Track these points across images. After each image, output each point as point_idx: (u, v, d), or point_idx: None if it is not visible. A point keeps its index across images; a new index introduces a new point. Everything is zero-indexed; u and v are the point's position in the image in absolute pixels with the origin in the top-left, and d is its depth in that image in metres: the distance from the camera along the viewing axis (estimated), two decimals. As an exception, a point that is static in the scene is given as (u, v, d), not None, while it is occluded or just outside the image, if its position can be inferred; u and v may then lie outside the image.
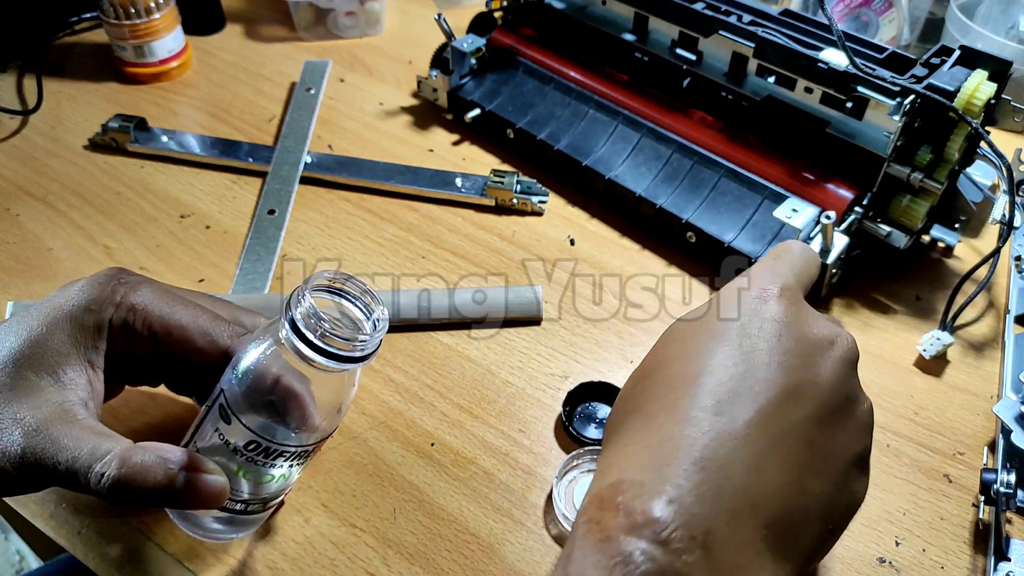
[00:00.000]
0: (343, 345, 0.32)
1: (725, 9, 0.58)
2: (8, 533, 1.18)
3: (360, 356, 0.33)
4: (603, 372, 0.49)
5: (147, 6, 0.70)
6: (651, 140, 0.60)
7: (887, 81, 0.50)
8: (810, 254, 0.38)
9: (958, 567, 0.41)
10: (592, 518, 0.25)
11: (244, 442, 0.34)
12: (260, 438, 0.34)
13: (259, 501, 0.36)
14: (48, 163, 0.64)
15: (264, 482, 0.36)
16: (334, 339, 0.32)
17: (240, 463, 0.34)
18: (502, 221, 0.61)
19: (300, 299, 0.32)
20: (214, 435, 0.34)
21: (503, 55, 0.69)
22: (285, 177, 0.62)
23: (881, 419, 0.47)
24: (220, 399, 0.34)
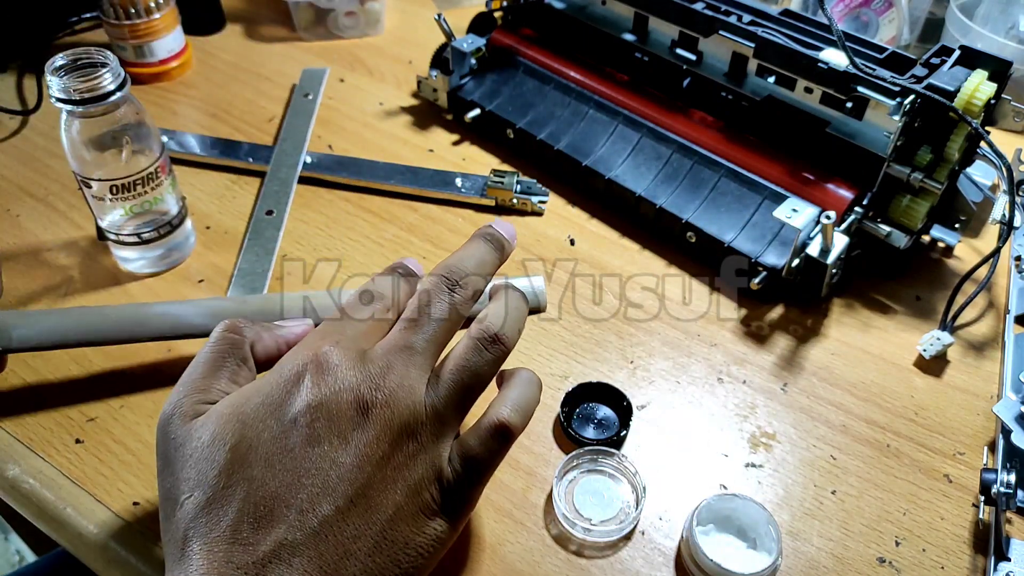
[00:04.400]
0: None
1: (725, 9, 0.58)
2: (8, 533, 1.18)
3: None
4: (603, 372, 0.49)
5: (147, 6, 0.70)
6: (651, 140, 0.60)
7: (887, 81, 0.50)
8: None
9: (958, 567, 0.41)
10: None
11: None
12: None
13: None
14: (48, 163, 0.64)
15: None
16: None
17: None
18: (502, 221, 0.61)
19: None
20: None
21: (503, 55, 0.69)
22: (283, 179, 0.62)
23: (881, 419, 0.47)
24: None
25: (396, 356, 0.33)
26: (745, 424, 0.47)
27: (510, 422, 0.34)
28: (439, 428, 0.33)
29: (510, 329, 0.36)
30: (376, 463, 0.31)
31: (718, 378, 0.50)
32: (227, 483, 0.30)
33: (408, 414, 0.32)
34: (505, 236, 0.40)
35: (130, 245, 0.53)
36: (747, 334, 0.52)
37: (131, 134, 0.50)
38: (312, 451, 0.31)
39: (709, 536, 0.41)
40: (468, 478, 0.33)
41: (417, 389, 0.33)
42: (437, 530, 0.32)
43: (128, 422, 0.45)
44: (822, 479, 0.44)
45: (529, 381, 0.37)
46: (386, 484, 0.31)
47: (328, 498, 0.30)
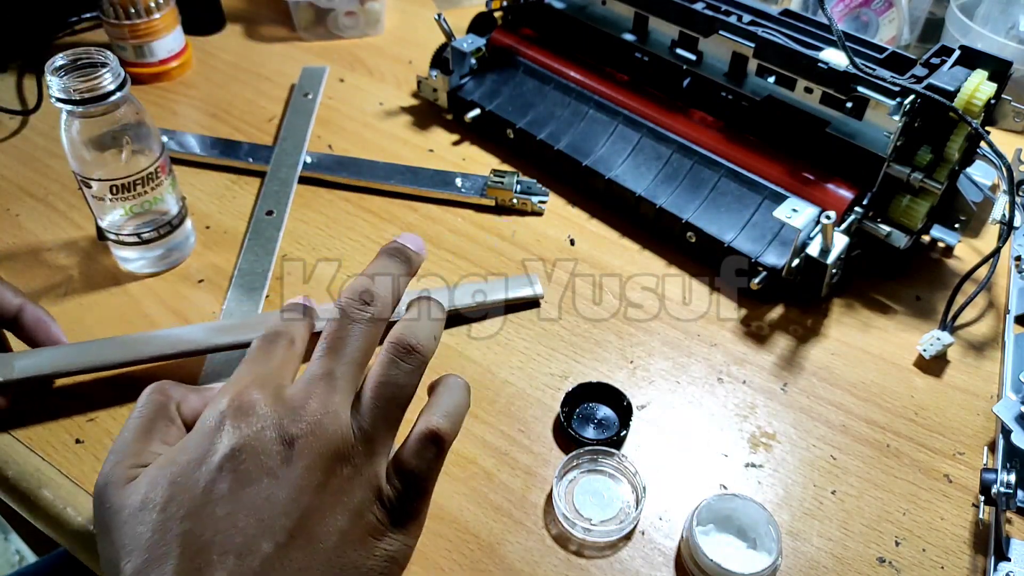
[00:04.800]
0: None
1: (725, 9, 0.58)
2: (8, 533, 1.18)
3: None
4: (603, 372, 0.49)
5: (147, 6, 0.70)
6: (651, 140, 0.60)
7: (887, 81, 0.50)
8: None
9: (958, 567, 0.41)
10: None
11: None
12: None
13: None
14: (48, 163, 0.64)
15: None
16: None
17: None
18: (502, 221, 0.61)
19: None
20: None
21: (503, 55, 0.69)
22: (283, 179, 0.62)
23: (881, 419, 0.47)
24: None
25: (315, 385, 0.33)
26: (745, 424, 0.47)
27: (440, 429, 0.34)
28: (370, 447, 0.33)
29: (424, 337, 0.36)
30: (311, 493, 0.31)
31: (718, 378, 0.49)
32: (161, 542, 0.30)
33: (336, 439, 0.32)
34: (411, 248, 0.39)
35: (130, 245, 0.53)
36: (747, 334, 0.52)
37: (131, 134, 0.50)
38: (243, 493, 0.30)
39: (709, 536, 0.40)
40: (408, 492, 0.33)
41: (342, 414, 0.33)
42: (388, 550, 0.32)
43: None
44: (822, 479, 0.44)
45: (456, 386, 0.37)
46: (325, 512, 0.31)
47: (267, 536, 0.30)
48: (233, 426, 0.32)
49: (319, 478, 0.31)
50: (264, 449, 0.31)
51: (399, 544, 0.33)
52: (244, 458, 0.31)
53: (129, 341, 0.46)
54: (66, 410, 0.46)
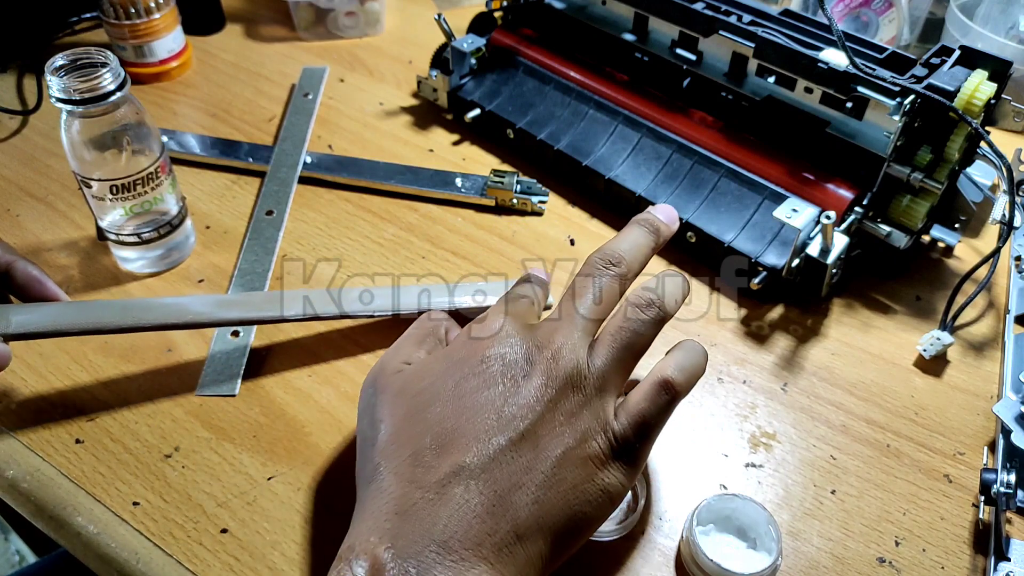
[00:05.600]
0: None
1: (725, 9, 0.58)
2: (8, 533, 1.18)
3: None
4: (603, 372, 0.49)
5: (147, 6, 0.70)
6: (651, 140, 0.60)
7: (887, 81, 0.50)
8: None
9: (958, 567, 0.41)
10: (337, 570, 0.31)
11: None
12: None
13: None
14: (48, 163, 0.64)
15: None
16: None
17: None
18: (502, 221, 0.61)
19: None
20: None
21: (503, 55, 0.69)
22: (283, 179, 0.62)
23: (881, 419, 0.47)
24: None
25: (559, 324, 0.37)
26: (745, 424, 0.47)
27: (674, 379, 0.36)
28: (602, 384, 0.36)
29: (667, 294, 0.38)
30: (545, 405, 0.34)
31: (718, 378, 0.49)
32: (413, 418, 0.35)
33: (571, 368, 0.35)
34: (661, 220, 0.42)
35: (130, 245, 0.53)
36: (747, 334, 0.52)
37: (131, 134, 0.50)
38: (487, 392, 0.35)
39: (709, 536, 0.40)
40: (635, 433, 0.35)
41: (579, 348, 0.36)
42: (605, 481, 0.34)
43: (127, 422, 0.45)
44: (822, 479, 0.44)
45: (695, 349, 0.39)
46: (554, 426, 0.34)
47: (502, 430, 0.33)
48: (487, 340, 0.37)
49: (552, 395, 0.34)
50: (509, 361, 0.36)
51: (615, 479, 0.35)
52: (493, 363, 0.35)
53: (132, 306, 0.45)
54: (66, 410, 0.46)
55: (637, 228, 0.41)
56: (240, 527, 0.41)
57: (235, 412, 0.46)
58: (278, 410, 0.47)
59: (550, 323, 0.37)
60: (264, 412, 0.46)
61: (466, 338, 0.38)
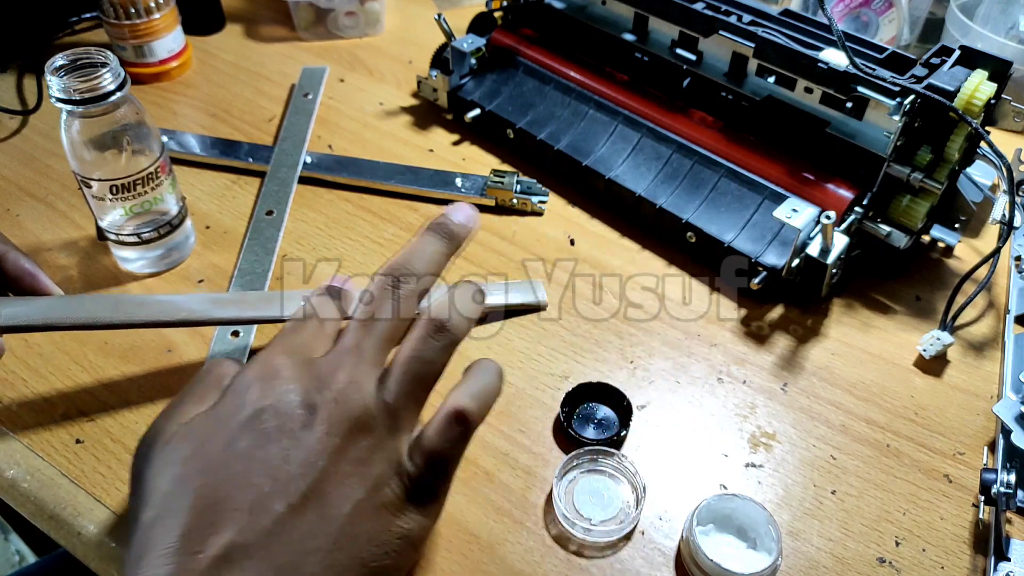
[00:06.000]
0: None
1: (725, 9, 0.58)
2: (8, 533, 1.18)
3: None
4: (603, 372, 0.49)
5: (147, 6, 0.70)
6: (651, 140, 0.60)
7: (887, 81, 0.50)
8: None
9: (958, 567, 0.41)
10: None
11: None
12: None
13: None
14: (48, 163, 0.64)
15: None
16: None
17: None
18: (502, 221, 0.61)
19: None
20: None
21: (503, 55, 0.69)
22: (283, 179, 0.62)
23: (881, 419, 0.47)
24: None
25: (343, 357, 0.33)
26: (745, 424, 0.47)
27: (467, 409, 0.34)
28: (393, 422, 0.33)
29: (457, 316, 0.35)
30: (329, 458, 0.31)
31: (718, 378, 0.49)
32: (177, 495, 0.30)
33: (359, 409, 0.32)
34: (455, 223, 0.38)
35: (130, 245, 0.53)
36: (747, 334, 0.52)
37: (131, 134, 0.50)
38: (261, 452, 0.30)
39: (709, 536, 0.40)
40: (430, 472, 0.33)
41: (366, 385, 0.33)
42: (404, 527, 0.32)
43: (127, 422, 0.45)
44: (822, 479, 0.44)
45: (488, 369, 0.37)
46: (341, 479, 0.31)
47: (280, 496, 0.30)
48: (259, 389, 0.32)
49: (337, 444, 0.31)
50: (286, 411, 0.31)
51: (415, 524, 0.32)
52: (266, 418, 0.31)
53: (125, 301, 0.45)
54: (66, 410, 0.46)
55: (429, 236, 0.38)
56: (240, 527, 0.41)
57: (235, 412, 0.46)
58: (278, 410, 0.47)
59: (334, 356, 0.34)
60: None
61: (239, 387, 0.33)
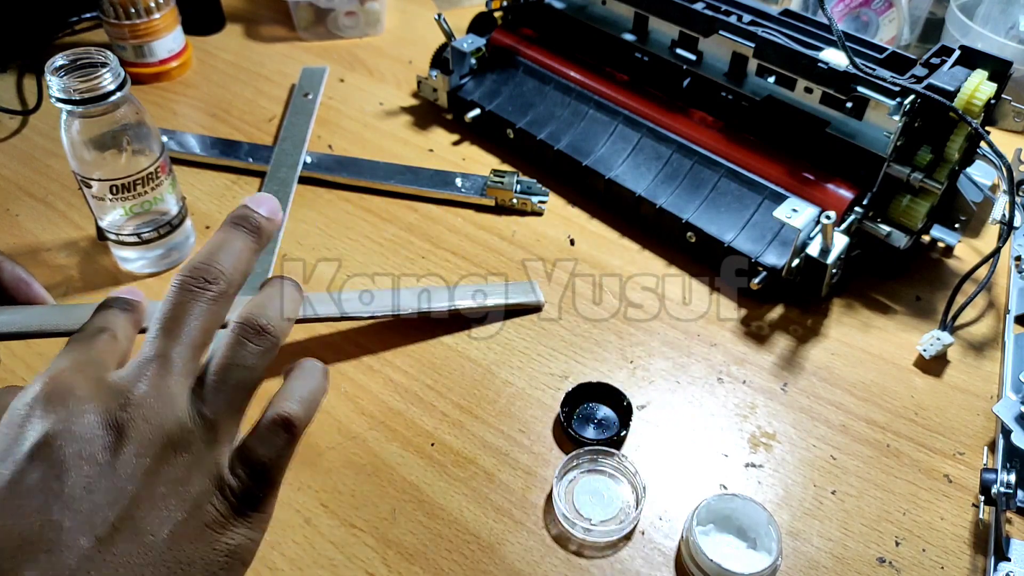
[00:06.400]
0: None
1: (725, 9, 0.58)
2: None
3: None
4: (603, 372, 0.49)
5: (147, 6, 0.70)
6: (651, 140, 0.60)
7: (887, 81, 0.50)
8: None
9: (958, 567, 0.41)
10: None
11: None
12: None
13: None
14: (48, 163, 0.64)
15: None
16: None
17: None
18: (502, 221, 0.61)
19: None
20: None
21: (503, 55, 0.69)
22: (283, 179, 0.62)
23: (881, 419, 0.47)
24: None
25: (146, 368, 0.30)
26: (745, 424, 0.47)
27: (291, 414, 0.31)
28: (211, 435, 0.30)
29: (275, 317, 0.33)
30: (140, 481, 0.28)
31: (718, 378, 0.49)
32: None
33: (171, 424, 0.29)
34: (260, 213, 0.35)
35: (130, 245, 0.53)
36: (747, 334, 0.52)
37: (131, 134, 0.50)
38: (58, 484, 0.27)
39: (709, 536, 0.40)
40: (254, 483, 0.31)
41: (178, 398, 0.30)
42: (230, 544, 0.30)
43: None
44: (822, 479, 0.44)
45: (312, 369, 0.34)
46: (156, 502, 0.28)
47: (84, 530, 0.27)
48: (45, 412, 0.28)
49: (149, 465, 0.28)
50: (84, 435, 0.28)
51: (242, 538, 0.30)
52: (60, 445, 0.27)
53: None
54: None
55: (233, 232, 0.34)
56: (240, 527, 0.41)
57: (235, 412, 0.46)
58: (278, 410, 0.47)
59: (136, 369, 0.30)
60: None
61: (19, 414, 0.29)
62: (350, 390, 0.48)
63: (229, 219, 0.34)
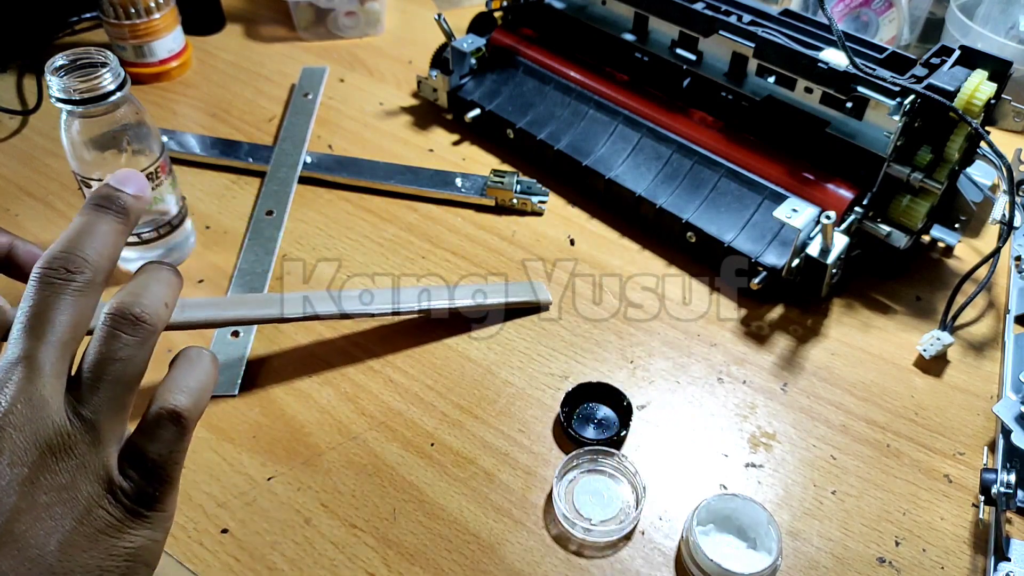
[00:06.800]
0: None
1: (725, 9, 0.58)
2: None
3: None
4: (603, 372, 0.49)
5: (147, 6, 0.70)
6: (651, 140, 0.60)
7: (887, 81, 0.50)
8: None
9: (958, 567, 0.41)
10: None
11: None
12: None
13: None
14: (48, 163, 0.64)
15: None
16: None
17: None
18: (502, 221, 0.61)
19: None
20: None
21: (503, 55, 0.69)
22: (283, 179, 0.62)
23: (881, 419, 0.47)
24: None
25: (11, 372, 0.27)
26: (745, 424, 0.47)
27: (179, 406, 0.30)
28: (94, 436, 0.28)
29: (151, 304, 0.30)
30: (17, 493, 0.26)
31: (718, 378, 0.49)
32: None
33: (47, 430, 0.27)
34: (129, 195, 0.32)
35: (130, 245, 0.53)
36: (747, 334, 0.52)
37: (131, 134, 0.50)
38: None
39: (709, 536, 0.40)
40: (148, 482, 0.29)
41: (51, 401, 0.28)
42: (129, 547, 0.28)
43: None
44: (822, 479, 0.44)
45: (197, 358, 0.32)
46: (39, 513, 0.26)
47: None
48: None
49: (27, 474, 0.26)
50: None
51: (142, 540, 0.29)
52: None
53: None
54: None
55: (98, 214, 0.32)
56: (240, 527, 0.41)
57: (235, 413, 0.46)
58: (278, 411, 0.47)
59: (0, 374, 0.28)
60: (264, 412, 0.46)
61: None
62: (350, 391, 0.48)
63: (90, 200, 0.32)
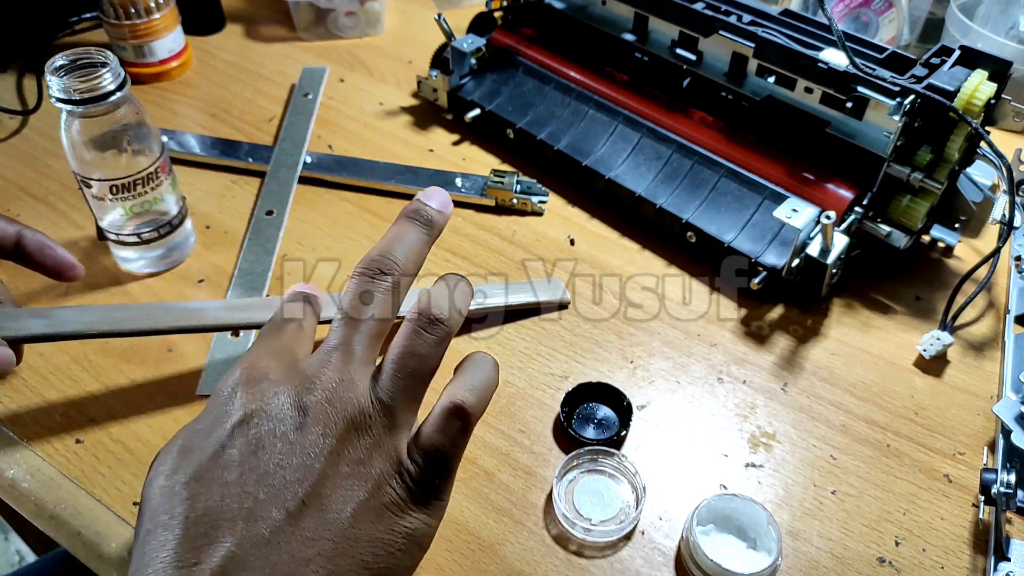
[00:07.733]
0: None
1: (725, 9, 0.58)
2: (8, 533, 1.18)
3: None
4: (603, 372, 0.49)
5: (147, 6, 0.70)
6: (651, 140, 0.60)
7: (887, 81, 0.50)
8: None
9: (958, 567, 0.41)
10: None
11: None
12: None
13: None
14: (48, 163, 0.64)
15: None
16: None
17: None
18: (502, 221, 0.61)
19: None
20: None
21: (503, 55, 0.69)
22: (283, 179, 0.62)
23: (881, 419, 0.47)
24: None
25: (331, 355, 0.33)
26: (745, 424, 0.47)
27: (465, 403, 0.33)
28: (390, 420, 0.32)
29: (449, 308, 0.34)
30: (326, 460, 0.30)
31: (718, 378, 0.49)
32: (168, 507, 0.29)
33: (353, 408, 0.31)
34: (434, 208, 0.37)
35: (130, 245, 0.53)
36: (747, 334, 0.52)
37: (131, 134, 0.50)
38: (253, 458, 0.30)
39: (709, 536, 0.41)
40: (431, 470, 0.32)
41: (359, 383, 0.32)
42: (408, 527, 0.31)
43: (128, 422, 0.45)
44: (822, 479, 0.44)
45: (483, 362, 0.36)
46: (340, 481, 0.30)
47: (277, 502, 0.29)
48: (245, 393, 0.31)
49: (334, 446, 0.30)
50: (277, 415, 0.31)
51: (420, 523, 0.32)
52: (257, 422, 0.30)
53: (148, 309, 0.45)
54: (66, 410, 0.46)
55: (408, 225, 0.36)
56: (240, 527, 0.41)
57: (235, 412, 0.46)
58: (278, 410, 0.47)
59: (322, 356, 0.33)
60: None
61: (224, 394, 0.32)
62: (350, 390, 0.48)
63: (403, 213, 0.37)
